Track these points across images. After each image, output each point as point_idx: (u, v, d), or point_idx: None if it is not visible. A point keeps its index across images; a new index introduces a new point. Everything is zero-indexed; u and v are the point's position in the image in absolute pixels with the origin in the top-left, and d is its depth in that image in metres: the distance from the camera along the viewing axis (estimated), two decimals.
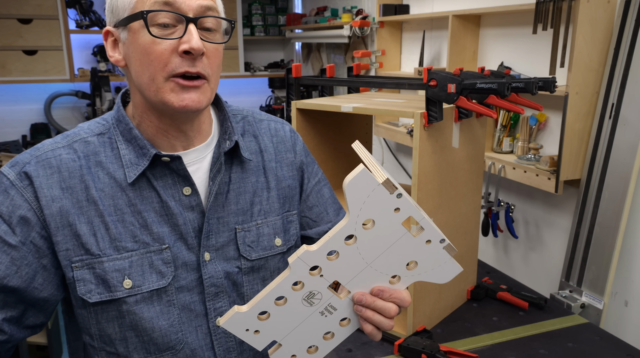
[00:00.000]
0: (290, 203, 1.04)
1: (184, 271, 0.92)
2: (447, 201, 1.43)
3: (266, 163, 1.02)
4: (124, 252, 0.88)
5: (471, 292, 1.62)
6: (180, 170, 0.91)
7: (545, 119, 1.99)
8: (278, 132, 1.06)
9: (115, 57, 0.89)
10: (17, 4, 3.81)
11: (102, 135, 0.92)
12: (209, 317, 0.94)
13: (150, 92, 0.85)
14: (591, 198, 1.73)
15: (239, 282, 0.96)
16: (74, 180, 0.87)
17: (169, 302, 0.91)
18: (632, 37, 1.63)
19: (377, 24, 3.00)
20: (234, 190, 0.97)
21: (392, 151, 3.15)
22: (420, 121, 1.25)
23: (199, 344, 0.94)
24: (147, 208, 0.90)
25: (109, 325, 0.89)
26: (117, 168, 0.89)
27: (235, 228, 0.96)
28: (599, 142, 1.72)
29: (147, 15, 0.82)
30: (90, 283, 0.87)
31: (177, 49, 0.83)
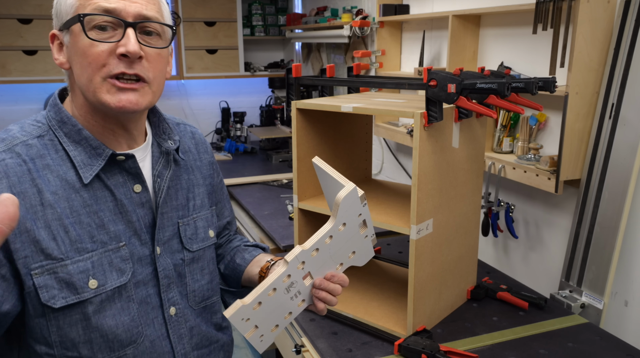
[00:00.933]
0: (212, 199, 1.15)
1: (139, 266, 0.96)
2: (447, 201, 1.43)
3: (192, 162, 1.11)
4: (85, 253, 0.89)
5: (471, 292, 1.62)
6: (132, 169, 0.95)
7: (545, 119, 1.99)
8: (195, 134, 1.16)
9: (60, 60, 0.91)
10: (17, 4, 3.82)
11: (41, 137, 0.91)
12: (164, 307, 0.99)
13: (89, 92, 0.87)
14: (591, 198, 1.73)
15: (183, 273, 1.04)
16: (24, 185, 0.85)
17: (128, 297, 0.94)
18: (632, 37, 1.63)
19: (377, 24, 3.00)
20: (173, 186, 1.04)
21: (392, 151, 3.15)
22: (420, 121, 1.25)
23: (156, 335, 0.99)
24: (102, 208, 0.92)
25: (72, 329, 0.89)
26: (66, 170, 0.90)
27: (177, 223, 1.03)
28: (599, 142, 1.72)
29: (83, 18, 0.84)
30: (53, 288, 0.86)
31: (114, 51, 0.85)
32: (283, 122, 4.32)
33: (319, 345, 1.39)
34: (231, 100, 4.68)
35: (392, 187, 1.75)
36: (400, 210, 1.48)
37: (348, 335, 1.44)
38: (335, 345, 1.39)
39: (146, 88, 0.89)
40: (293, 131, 1.52)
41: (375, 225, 1.42)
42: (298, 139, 1.51)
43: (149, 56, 0.88)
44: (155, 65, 0.90)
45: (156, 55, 0.90)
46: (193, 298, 1.06)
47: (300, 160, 1.53)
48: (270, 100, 4.77)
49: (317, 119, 1.56)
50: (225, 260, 1.23)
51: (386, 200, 1.58)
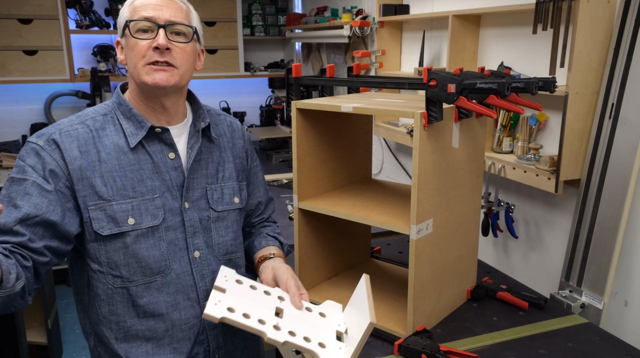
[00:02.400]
0: (242, 176, 1.41)
1: (170, 215, 1.24)
2: (447, 201, 1.43)
3: (225, 143, 1.39)
4: (127, 198, 1.20)
5: (471, 292, 1.62)
6: (167, 139, 1.25)
7: (545, 119, 1.99)
8: (232, 124, 1.44)
9: (121, 58, 1.25)
10: (17, 4, 3.81)
11: (105, 115, 1.25)
12: (189, 250, 1.26)
13: (135, 76, 1.20)
14: (591, 198, 1.73)
15: (209, 227, 1.31)
16: (89, 146, 1.19)
17: (159, 237, 1.23)
18: (632, 37, 1.63)
19: (377, 24, 3.00)
20: (204, 159, 1.32)
21: (392, 151, 3.15)
22: (420, 121, 1.25)
23: (182, 270, 1.26)
24: (143, 167, 1.22)
25: (115, 253, 1.19)
26: (119, 138, 1.22)
27: (206, 187, 1.31)
28: (599, 142, 1.72)
29: (129, 23, 1.19)
30: (102, 221, 1.18)
31: (151, 46, 1.17)
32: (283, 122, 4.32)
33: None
34: (231, 100, 4.68)
35: (392, 187, 1.75)
36: (400, 210, 1.47)
37: None
38: None
39: (174, 71, 1.20)
40: (293, 131, 1.52)
41: (375, 225, 1.42)
42: (298, 139, 1.51)
43: (176, 48, 1.19)
44: (181, 55, 1.20)
45: (181, 48, 1.20)
46: (218, 249, 1.32)
47: (300, 160, 1.53)
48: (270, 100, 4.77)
49: (317, 119, 1.56)
50: (249, 239, 1.49)
51: (386, 200, 1.58)
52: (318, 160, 1.61)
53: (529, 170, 1.91)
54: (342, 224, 1.71)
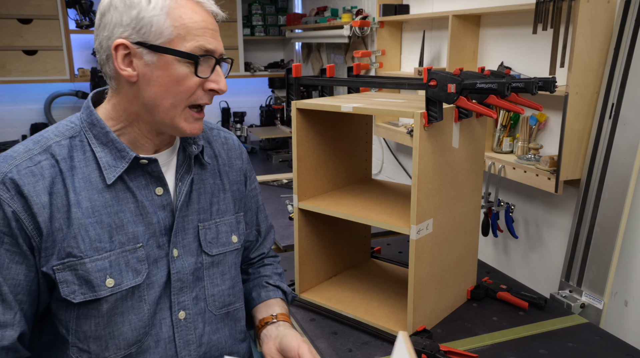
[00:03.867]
0: (240, 206, 1.15)
1: (155, 268, 0.98)
2: (447, 201, 1.43)
3: (220, 167, 1.12)
4: (103, 252, 0.92)
5: (471, 292, 1.62)
6: (154, 172, 0.98)
7: (545, 119, 1.99)
8: (228, 140, 1.17)
9: (127, 72, 0.91)
10: (17, 4, 3.81)
11: (73, 138, 0.94)
12: (172, 310, 1.00)
13: (166, 115, 0.93)
14: (591, 198, 1.73)
15: (201, 276, 1.04)
16: (57, 186, 0.90)
17: (140, 297, 0.96)
18: (632, 37, 1.63)
19: (377, 24, 3.00)
20: (196, 190, 1.05)
21: (392, 151, 3.15)
22: (420, 121, 1.25)
23: (162, 336, 0.99)
24: (123, 209, 0.95)
25: (86, 322, 0.92)
26: (91, 171, 0.93)
27: (198, 226, 1.04)
28: (599, 142, 1.72)
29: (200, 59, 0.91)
30: (73, 284, 0.90)
31: (203, 84, 0.93)
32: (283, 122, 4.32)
33: (319, 345, 1.39)
34: (231, 100, 4.68)
35: (392, 187, 1.75)
36: (400, 210, 1.47)
37: (348, 335, 1.44)
38: (335, 345, 1.39)
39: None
40: (293, 131, 1.52)
41: (375, 225, 1.42)
42: (298, 139, 1.51)
43: None
44: None
45: None
46: (213, 303, 1.07)
47: (300, 160, 1.53)
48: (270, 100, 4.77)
49: (317, 119, 1.56)
50: (247, 286, 1.24)
51: (386, 200, 1.58)
52: (318, 160, 1.61)
53: (529, 170, 1.91)
54: (342, 224, 1.71)
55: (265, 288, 1.21)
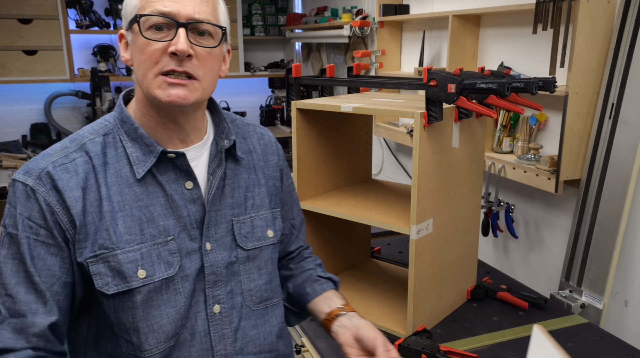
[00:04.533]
0: (276, 201, 1.14)
1: (188, 261, 0.98)
2: (447, 201, 1.43)
3: (255, 162, 1.12)
4: (134, 244, 0.94)
5: (471, 292, 1.62)
6: (183, 166, 0.98)
7: (545, 119, 1.99)
8: (264, 136, 1.17)
9: (125, 57, 0.98)
10: (17, 4, 3.82)
11: (107, 135, 0.98)
12: (207, 303, 1.00)
13: (143, 87, 0.94)
14: (591, 198, 1.73)
15: (236, 271, 1.04)
16: (90, 181, 0.93)
17: (175, 290, 0.97)
18: (632, 37, 1.63)
19: (377, 24, 3.00)
20: (229, 185, 1.05)
21: (392, 151, 3.15)
22: (420, 121, 1.25)
23: (197, 330, 0.99)
24: (153, 203, 0.96)
25: (124, 314, 0.94)
26: (122, 166, 0.96)
27: (232, 220, 1.04)
28: (599, 142, 1.72)
29: (139, 18, 0.91)
30: (107, 276, 0.92)
31: (167, 50, 0.90)
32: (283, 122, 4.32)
33: (319, 345, 1.39)
34: (231, 100, 4.68)
35: (392, 187, 1.75)
36: (400, 210, 1.48)
37: None
38: (335, 345, 1.39)
39: (196, 84, 0.94)
40: (293, 131, 1.52)
41: (375, 225, 1.42)
42: (298, 139, 1.51)
43: (200, 55, 0.93)
44: (205, 63, 0.94)
45: (207, 54, 0.94)
46: (250, 298, 1.06)
47: (300, 160, 1.53)
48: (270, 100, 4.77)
49: (317, 119, 1.56)
50: (295, 282, 1.22)
51: (386, 200, 1.58)
52: (318, 160, 1.61)
53: (529, 170, 1.91)
54: (342, 224, 1.71)
55: (318, 282, 1.20)
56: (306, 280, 1.21)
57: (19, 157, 4.00)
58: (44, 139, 4.28)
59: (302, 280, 1.21)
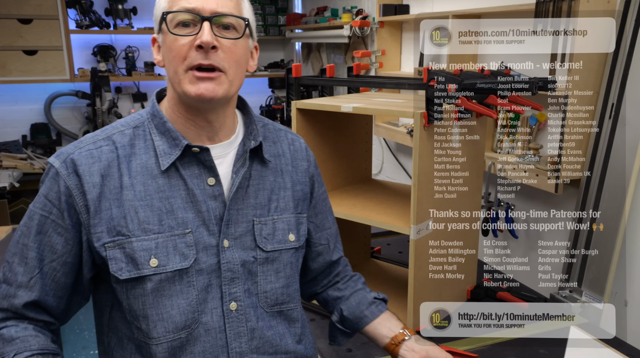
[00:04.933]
0: (302, 206, 1.14)
1: (204, 255, 1.00)
2: (447, 201, 1.43)
3: (283, 166, 1.12)
4: (151, 234, 0.97)
5: (471, 292, 1.62)
6: (206, 161, 1.01)
7: (545, 119, 1.99)
8: (294, 142, 1.17)
9: (157, 59, 1.02)
10: (17, 4, 3.82)
11: (137, 128, 1.02)
12: (223, 300, 1.01)
13: (175, 84, 0.97)
14: (591, 198, 1.73)
15: (254, 271, 1.04)
16: (112, 169, 0.97)
17: (189, 282, 0.98)
18: (632, 37, 1.63)
19: (377, 24, 3.00)
20: (254, 185, 1.07)
21: (392, 151, 3.15)
22: (420, 121, 1.25)
23: (212, 325, 1.00)
24: (174, 195, 0.99)
25: (135, 301, 0.97)
26: (148, 158, 1.00)
27: (253, 221, 1.05)
28: (599, 142, 1.72)
29: (166, 15, 0.95)
30: (121, 261, 0.96)
31: (193, 44, 0.94)
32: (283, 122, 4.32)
33: (319, 345, 1.39)
34: None
35: (392, 187, 1.75)
36: (400, 210, 1.48)
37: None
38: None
39: (222, 77, 0.96)
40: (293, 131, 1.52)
41: (375, 225, 1.42)
42: None
43: (224, 47, 0.96)
44: (230, 55, 0.97)
45: (231, 45, 0.97)
46: (265, 299, 1.06)
47: None
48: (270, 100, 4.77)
49: (317, 119, 1.56)
50: (349, 304, 1.21)
51: (386, 200, 1.58)
52: (318, 160, 1.61)
53: (529, 170, 1.91)
54: (342, 224, 1.71)
55: (374, 304, 1.21)
56: (361, 302, 1.21)
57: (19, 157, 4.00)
58: (44, 138, 4.28)
59: (356, 303, 1.21)
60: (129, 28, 4.32)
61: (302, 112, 1.51)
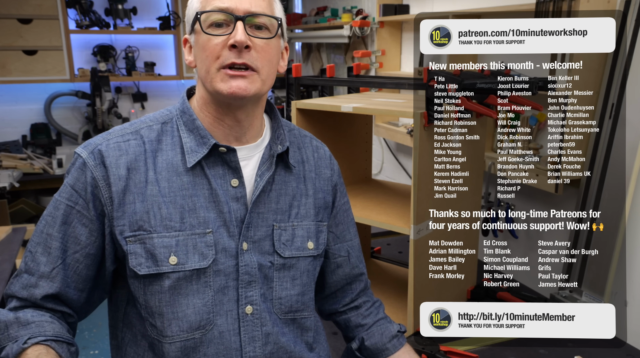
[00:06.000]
0: (323, 215, 1.13)
1: (223, 256, 0.99)
2: (447, 201, 1.43)
3: (307, 173, 1.11)
4: (172, 231, 0.97)
5: (471, 292, 1.62)
6: (232, 162, 1.01)
7: (545, 119, 1.99)
8: (319, 149, 1.16)
9: (189, 59, 1.02)
10: (17, 4, 3.82)
11: (165, 124, 1.02)
12: (239, 303, 1.00)
13: (207, 82, 0.97)
14: (591, 198, 1.73)
15: (270, 276, 1.04)
16: (139, 163, 0.97)
17: (206, 283, 0.98)
18: (632, 37, 1.63)
19: (377, 24, 3.00)
20: (276, 190, 1.06)
21: (392, 151, 3.15)
22: (420, 121, 1.25)
23: (227, 328, 1.00)
24: (197, 194, 0.99)
25: (152, 297, 0.97)
26: (174, 154, 1.00)
27: (273, 225, 1.04)
28: (599, 142, 1.72)
29: (200, 15, 0.95)
30: (141, 256, 0.96)
31: (227, 43, 0.94)
32: None
33: None
34: None
35: (392, 187, 1.75)
36: (400, 210, 1.48)
37: None
38: (335, 345, 1.39)
39: (255, 76, 0.96)
40: None
41: (375, 225, 1.42)
42: None
43: (257, 46, 0.96)
44: (263, 55, 0.97)
45: (264, 45, 0.97)
46: (279, 305, 1.05)
47: None
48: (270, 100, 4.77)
49: (317, 119, 1.56)
50: (371, 333, 1.19)
51: (386, 200, 1.58)
52: None
53: (529, 170, 1.91)
54: None
55: (397, 337, 1.19)
56: (384, 334, 1.19)
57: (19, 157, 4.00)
58: (44, 139, 4.28)
59: (379, 334, 1.19)
60: (129, 28, 4.32)
61: (302, 112, 1.51)
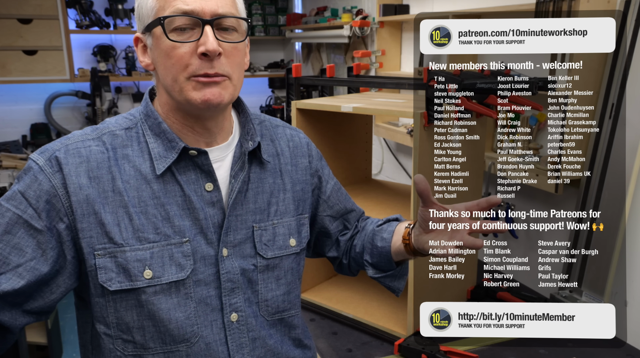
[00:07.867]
0: (303, 207, 1.09)
1: (202, 265, 0.94)
2: (447, 201, 1.43)
3: (282, 166, 1.06)
4: (146, 243, 0.90)
5: (471, 292, 1.62)
6: (204, 166, 0.95)
7: (545, 119, 1.99)
8: (293, 138, 1.11)
9: (145, 62, 0.95)
10: (17, 4, 3.82)
11: (129, 129, 0.95)
12: (224, 311, 0.96)
13: (174, 92, 0.90)
14: (591, 198, 1.73)
15: (254, 280, 0.99)
16: (101, 171, 0.90)
17: (186, 294, 0.93)
18: (632, 37, 1.63)
19: (377, 24, 3.00)
20: (253, 189, 1.01)
21: (392, 151, 3.15)
22: (420, 121, 1.25)
23: (213, 338, 0.95)
24: (170, 202, 0.93)
25: (127, 313, 0.91)
26: (142, 161, 0.93)
27: (252, 227, 1.00)
28: (599, 142, 1.72)
29: (164, 20, 0.87)
30: (112, 271, 0.89)
31: (195, 50, 0.87)
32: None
33: (319, 345, 1.39)
34: None
35: (392, 187, 1.75)
36: (400, 210, 1.48)
37: (348, 335, 1.44)
38: (335, 345, 1.39)
39: (227, 82, 0.91)
40: None
41: None
42: None
43: (227, 51, 0.90)
44: (233, 59, 0.91)
45: (233, 49, 0.91)
46: (265, 308, 1.02)
47: None
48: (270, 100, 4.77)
49: (317, 119, 1.56)
50: (368, 249, 1.15)
51: (386, 200, 1.58)
52: None
53: (529, 170, 1.91)
54: None
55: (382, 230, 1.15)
56: (373, 239, 1.14)
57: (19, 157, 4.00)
58: (44, 139, 4.28)
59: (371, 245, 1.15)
60: (129, 28, 4.32)
61: (302, 112, 1.51)
